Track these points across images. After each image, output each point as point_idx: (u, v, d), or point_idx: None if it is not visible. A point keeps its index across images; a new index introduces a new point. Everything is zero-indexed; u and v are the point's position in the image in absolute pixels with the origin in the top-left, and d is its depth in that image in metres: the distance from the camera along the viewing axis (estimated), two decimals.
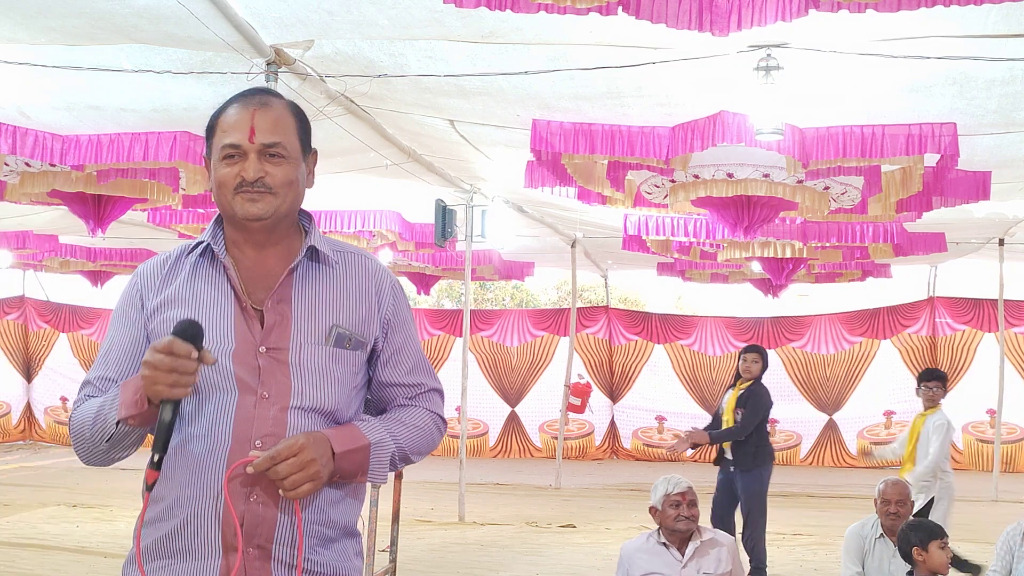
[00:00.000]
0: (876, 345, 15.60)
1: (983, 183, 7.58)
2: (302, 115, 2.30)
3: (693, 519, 4.89)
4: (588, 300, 24.52)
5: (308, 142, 2.29)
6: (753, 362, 7.90)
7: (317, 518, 2.18)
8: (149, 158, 6.96)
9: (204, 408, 2.15)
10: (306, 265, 2.26)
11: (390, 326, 2.32)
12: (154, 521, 2.17)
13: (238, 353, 2.17)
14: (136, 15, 4.89)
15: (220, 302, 2.21)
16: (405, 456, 2.31)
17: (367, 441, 2.20)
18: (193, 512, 2.13)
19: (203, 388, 2.15)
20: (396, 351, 2.33)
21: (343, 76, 5.90)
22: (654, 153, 6.53)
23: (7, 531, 9.20)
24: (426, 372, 2.40)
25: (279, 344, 2.19)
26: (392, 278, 2.37)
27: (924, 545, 4.71)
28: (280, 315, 2.20)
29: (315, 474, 2.08)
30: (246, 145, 2.17)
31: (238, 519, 2.10)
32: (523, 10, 4.24)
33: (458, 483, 10.32)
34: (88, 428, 2.17)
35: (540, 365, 16.56)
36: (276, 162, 2.19)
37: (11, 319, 17.71)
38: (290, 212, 2.25)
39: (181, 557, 2.14)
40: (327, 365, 2.21)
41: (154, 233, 12.24)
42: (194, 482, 2.13)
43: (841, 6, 4.17)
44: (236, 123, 2.19)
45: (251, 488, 2.11)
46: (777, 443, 15.84)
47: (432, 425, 2.38)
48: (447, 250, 11.59)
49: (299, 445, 2.07)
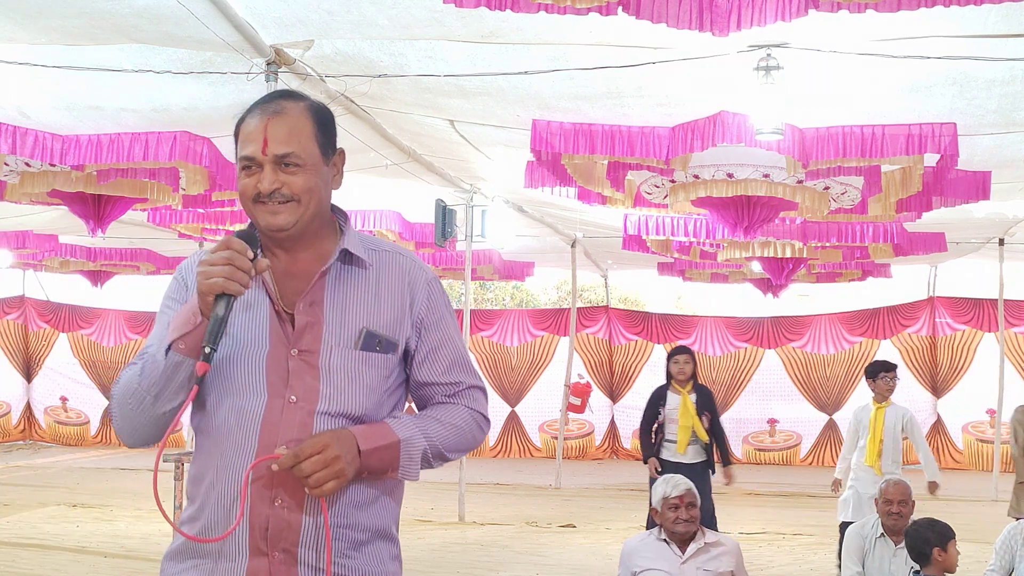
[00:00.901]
0: (876, 345, 15.60)
1: (983, 183, 7.58)
2: (323, 116, 2.25)
3: (692, 521, 4.90)
4: (588, 300, 24.54)
5: (330, 143, 2.24)
6: (685, 363, 8.14)
7: (344, 521, 2.15)
8: (149, 158, 6.96)
9: (235, 411, 2.15)
10: (339, 267, 2.24)
11: (423, 325, 2.28)
12: (187, 521, 2.20)
13: (272, 356, 2.17)
14: (136, 15, 4.88)
15: (257, 304, 2.21)
16: (440, 453, 2.26)
17: (396, 438, 2.17)
18: (221, 514, 2.14)
19: (235, 390, 2.15)
20: (432, 350, 2.29)
21: (343, 76, 5.90)
22: (654, 153, 6.53)
23: (7, 531, 9.20)
24: (466, 370, 2.34)
25: (310, 347, 2.17)
26: (428, 275, 2.32)
27: (944, 544, 4.74)
28: (312, 318, 2.19)
29: (339, 471, 2.06)
30: (260, 157, 2.16)
31: (264, 524, 2.10)
32: (523, 10, 4.24)
33: (458, 483, 10.32)
34: (136, 379, 2.14)
35: (540, 365, 16.56)
36: (292, 171, 2.16)
37: (11, 319, 17.70)
38: (316, 217, 2.21)
39: (210, 557, 2.15)
40: (357, 369, 2.18)
41: (154, 233, 12.24)
42: (221, 484, 2.14)
43: (841, 6, 4.17)
44: (251, 134, 2.17)
45: (275, 491, 2.10)
46: (777, 443, 15.88)
47: (471, 422, 2.32)
48: (447, 250, 11.58)
49: (323, 442, 2.06)
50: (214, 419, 2.17)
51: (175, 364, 2.09)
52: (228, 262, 2.04)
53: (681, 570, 4.84)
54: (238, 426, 2.14)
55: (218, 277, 2.03)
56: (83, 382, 17.45)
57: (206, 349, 2.04)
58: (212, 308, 2.05)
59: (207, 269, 2.04)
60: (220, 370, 2.16)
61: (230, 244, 2.07)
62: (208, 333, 2.04)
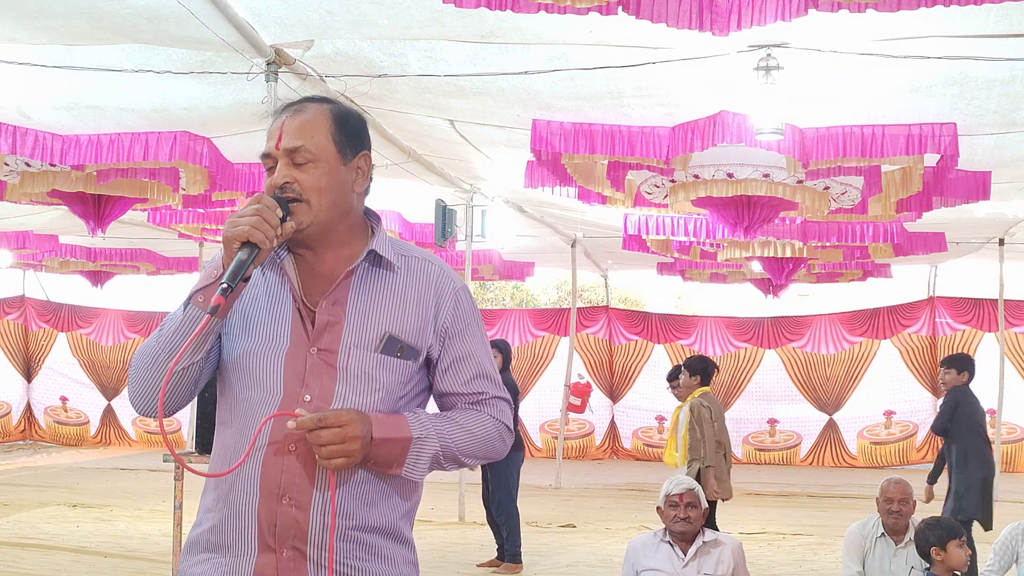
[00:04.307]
0: (876, 345, 15.61)
1: (983, 183, 7.59)
2: (345, 117, 2.23)
3: (690, 520, 4.92)
4: (588, 300, 24.53)
5: (351, 143, 2.22)
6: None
7: (352, 523, 2.14)
8: (149, 158, 6.96)
9: (252, 407, 2.16)
10: (365, 269, 2.22)
11: (447, 335, 2.25)
12: (204, 513, 2.21)
13: (291, 353, 2.17)
14: (136, 15, 4.89)
15: (282, 300, 2.21)
16: (454, 457, 2.23)
17: (409, 435, 2.15)
18: (233, 509, 2.15)
19: (253, 385, 2.16)
20: (455, 361, 2.26)
21: (343, 76, 5.90)
22: (654, 153, 6.53)
23: (7, 531, 9.20)
24: (490, 381, 2.30)
25: (330, 347, 2.16)
26: (457, 285, 2.28)
27: (943, 544, 4.74)
28: (333, 317, 2.18)
29: (351, 451, 2.06)
30: (275, 152, 2.18)
31: (272, 520, 2.11)
32: (523, 10, 4.24)
33: (458, 483, 10.32)
34: (154, 338, 2.14)
35: (540, 365, 16.56)
36: (303, 167, 2.16)
37: (11, 319, 17.71)
38: (336, 219, 2.20)
39: (221, 551, 2.17)
40: (374, 372, 2.17)
41: (154, 233, 12.24)
42: (232, 479, 2.15)
43: (841, 6, 4.17)
44: (272, 132, 2.20)
45: (283, 488, 2.11)
46: (777, 443, 15.89)
47: (494, 432, 2.28)
48: (447, 250, 11.58)
49: (347, 418, 2.06)
50: (233, 412, 2.20)
51: (192, 319, 2.10)
52: (256, 213, 2.07)
53: (683, 573, 4.85)
54: (252, 424, 2.14)
55: (245, 225, 2.05)
56: (83, 382, 17.45)
57: (223, 284, 2.04)
58: (236, 254, 2.06)
59: (235, 219, 2.07)
60: (240, 364, 2.18)
61: (260, 199, 2.10)
62: (228, 272, 2.05)
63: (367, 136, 2.29)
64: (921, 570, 5.00)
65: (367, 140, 2.29)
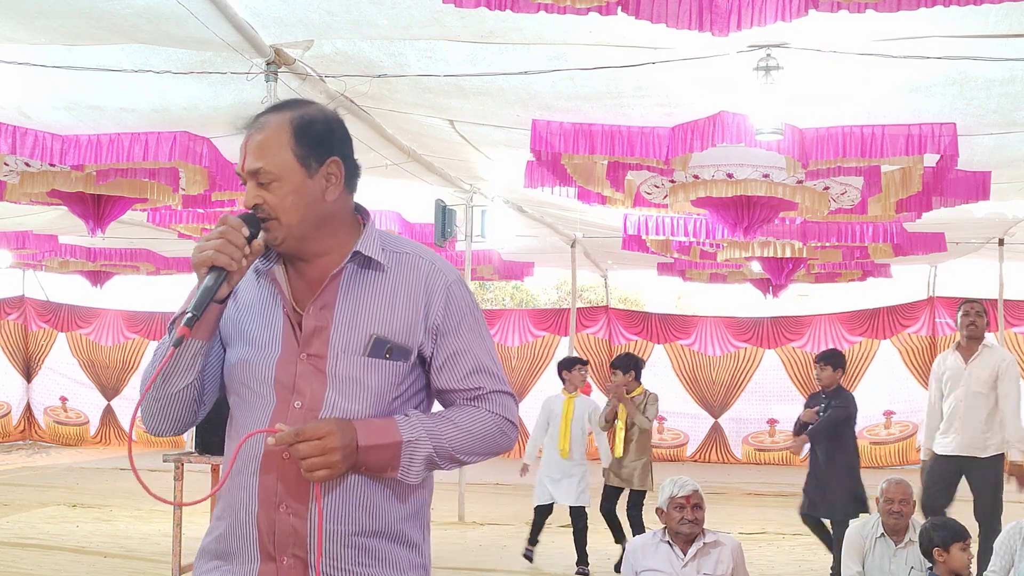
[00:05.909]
0: (876, 345, 15.60)
1: (983, 183, 7.58)
2: (306, 126, 2.17)
3: (697, 522, 4.92)
4: (588, 300, 24.53)
5: (315, 153, 2.16)
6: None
7: (353, 529, 2.13)
8: (149, 158, 6.96)
9: (247, 416, 2.18)
10: (353, 270, 2.20)
11: (439, 332, 2.21)
12: (215, 520, 2.24)
13: (282, 360, 2.16)
14: (136, 15, 4.88)
15: (272, 308, 2.21)
16: (451, 456, 2.19)
17: (399, 439, 2.12)
18: (236, 518, 2.16)
19: (248, 394, 2.18)
20: (450, 356, 2.22)
21: (343, 76, 5.90)
22: (654, 153, 6.53)
23: (7, 531, 9.20)
24: (489, 375, 2.25)
25: (319, 352, 2.15)
26: (448, 279, 2.23)
27: (946, 546, 4.74)
28: (321, 322, 2.16)
29: (333, 463, 2.04)
30: (242, 175, 2.20)
31: (271, 528, 2.12)
32: (523, 10, 4.24)
33: (458, 483, 10.31)
34: (150, 366, 2.16)
35: (540, 365, 16.54)
36: (268, 187, 2.15)
37: (11, 319, 17.70)
38: (309, 231, 2.18)
39: (228, 559, 2.19)
40: (363, 376, 2.15)
41: (154, 233, 12.23)
42: (234, 489, 2.17)
43: (841, 6, 4.17)
44: (240, 150, 2.21)
45: (280, 497, 2.12)
46: (777, 443, 15.88)
47: (493, 428, 2.23)
48: (447, 250, 11.57)
49: (326, 429, 2.05)
50: (233, 421, 2.22)
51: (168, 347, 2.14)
52: (221, 235, 2.08)
53: (682, 573, 4.85)
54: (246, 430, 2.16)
55: (210, 250, 2.07)
56: (83, 382, 17.44)
57: (188, 314, 2.06)
58: (203, 280, 2.08)
59: (201, 244, 2.09)
60: (236, 374, 2.20)
61: (225, 220, 2.11)
62: (194, 301, 2.07)
63: (338, 138, 2.24)
64: (922, 570, 5.00)
65: (337, 143, 2.23)
